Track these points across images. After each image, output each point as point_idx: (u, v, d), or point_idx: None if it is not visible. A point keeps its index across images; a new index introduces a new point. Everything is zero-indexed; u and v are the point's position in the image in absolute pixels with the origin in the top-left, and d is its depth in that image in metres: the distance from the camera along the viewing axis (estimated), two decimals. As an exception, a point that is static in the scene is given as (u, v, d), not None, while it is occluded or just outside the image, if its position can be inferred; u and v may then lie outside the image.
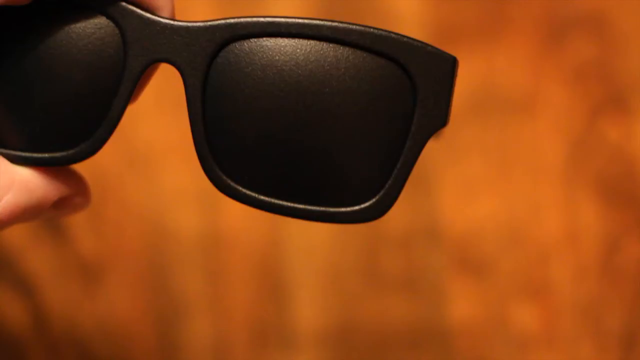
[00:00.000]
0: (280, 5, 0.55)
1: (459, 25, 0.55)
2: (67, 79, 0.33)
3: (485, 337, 0.52)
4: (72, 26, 0.33)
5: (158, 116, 0.53)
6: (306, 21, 0.33)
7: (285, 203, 0.34)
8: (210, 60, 0.33)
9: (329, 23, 0.33)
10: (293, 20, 0.33)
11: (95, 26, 0.33)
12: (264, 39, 0.33)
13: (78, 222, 0.52)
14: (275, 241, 0.53)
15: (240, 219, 0.53)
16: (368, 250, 0.53)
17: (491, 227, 0.53)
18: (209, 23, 0.33)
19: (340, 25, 0.33)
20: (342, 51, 0.33)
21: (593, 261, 0.53)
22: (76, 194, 0.35)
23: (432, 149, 0.44)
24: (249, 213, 0.37)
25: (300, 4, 0.55)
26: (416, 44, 0.33)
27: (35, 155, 0.34)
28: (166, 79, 0.36)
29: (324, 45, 0.33)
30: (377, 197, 0.33)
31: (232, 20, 0.33)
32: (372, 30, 0.33)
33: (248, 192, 0.34)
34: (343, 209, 0.34)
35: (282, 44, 0.33)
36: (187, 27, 0.33)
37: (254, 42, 0.33)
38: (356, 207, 0.33)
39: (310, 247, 0.53)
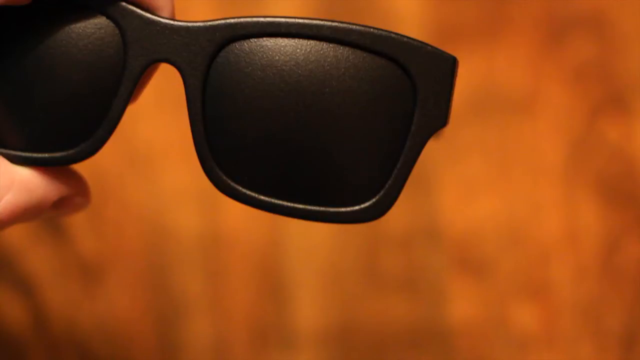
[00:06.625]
0: (280, 5, 0.55)
1: (459, 25, 0.55)
2: (67, 79, 0.33)
3: (485, 337, 0.52)
4: (72, 26, 0.33)
5: (158, 116, 0.53)
6: (306, 21, 0.33)
7: (285, 203, 0.34)
8: (210, 60, 0.33)
9: (329, 23, 0.33)
10: (293, 20, 0.33)
11: (95, 26, 0.33)
12: (264, 39, 0.33)
13: (78, 222, 0.52)
14: (275, 241, 0.53)
15: (240, 219, 0.53)
16: (368, 250, 0.53)
17: (491, 227, 0.53)
18: (209, 23, 0.33)
19: (340, 25, 0.33)
20: (342, 51, 0.33)
21: (593, 261, 0.53)
22: (76, 194, 0.35)
23: (432, 149, 0.44)
24: (249, 213, 0.37)
25: (300, 4, 0.55)
26: (416, 44, 0.33)
27: (35, 155, 0.34)
28: (166, 79, 0.36)
29: (324, 45, 0.33)
30: (377, 197, 0.33)
31: (232, 20, 0.33)
32: (372, 30, 0.33)
33: (248, 192, 0.34)
34: (343, 209, 0.34)
35: (282, 44, 0.33)
36: (187, 27, 0.33)
37: (254, 42, 0.33)
38: (356, 207, 0.33)
39: (310, 247, 0.53)
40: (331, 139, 0.33)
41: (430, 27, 0.55)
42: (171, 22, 0.33)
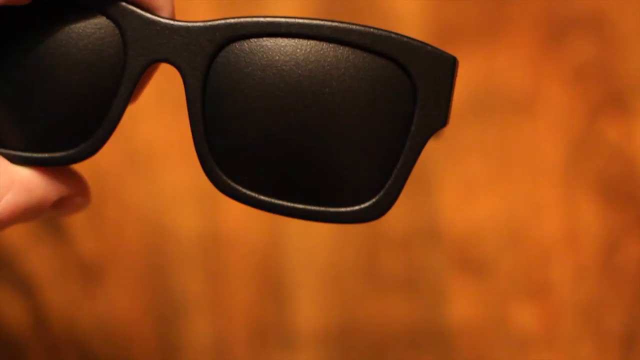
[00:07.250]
0: (280, 5, 0.55)
1: (459, 25, 0.55)
2: (67, 79, 0.33)
3: (485, 337, 0.52)
4: (72, 26, 0.33)
5: (158, 116, 0.53)
6: (306, 21, 0.33)
7: (285, 203, 0.34)
8: (210, 60, 0.33)
9: (329, 23, 0.33)
10: (293, 20, 0.33)
11: (95, 26, 0.33)
12: (264, 39, 0.33)
13: (78, 222, 0.52)
14: (275, 241, 0.53)
15: (240, 219, 0.53)
16: (368, 250, 0.53)
17: (491, 227, 0.53)
18: (209, 23, 0.33)
19: (340, 25, 0.33)
20: (342, 51, 0.33)
21: (593, 261, 0.53)
22: (76, 194, 0.35)
23: (432, 149, 0.44)
24: (249, 213, 0.37)
25: (300, 4, 0.55)
26: (416, 44, 0.33)
27: (35, 155, 0.34)
28: (166, 79, 0.36)
29: (324, 45, 0.33)
30: (377, 197, 0.33)
31: (232, 20, 0.33)
32: (372, 30, 0.33)
33: (248, 192, 0.34)
34: (343, 209, 0.34)
35: (282, 44, 0.33)
36: (187, 27, 0.33)
37: (254, 42, 0.33)
38: (356, 207, 0.33)
39: (310, 247, 0.53)
40: (331, 139, 0.33)
41: (430, 27, 0.55)
42: (171, 22, 0.33)
